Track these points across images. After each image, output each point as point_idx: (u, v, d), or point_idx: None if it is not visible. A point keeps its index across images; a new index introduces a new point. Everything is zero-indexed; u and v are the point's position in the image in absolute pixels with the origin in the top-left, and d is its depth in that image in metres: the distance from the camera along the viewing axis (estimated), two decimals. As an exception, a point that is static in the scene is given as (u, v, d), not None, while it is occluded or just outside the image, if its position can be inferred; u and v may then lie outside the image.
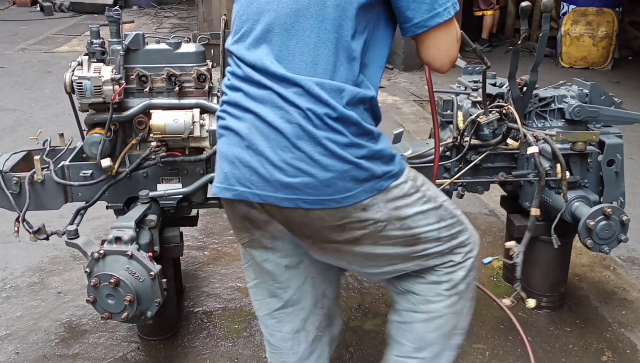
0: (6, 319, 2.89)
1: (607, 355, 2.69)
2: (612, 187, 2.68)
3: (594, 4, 7.97)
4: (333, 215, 1.51)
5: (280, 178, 1.46)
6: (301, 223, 1.54)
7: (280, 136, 1.45)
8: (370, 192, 1.52)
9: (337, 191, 1.47)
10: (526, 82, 2.58)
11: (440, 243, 1.70)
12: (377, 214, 1.56)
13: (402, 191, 1.61)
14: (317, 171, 1.45)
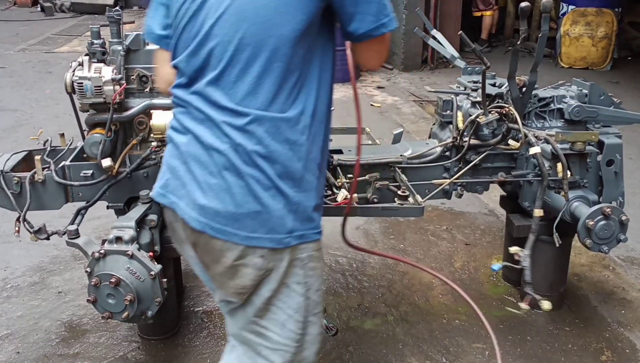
0: (7, 319, 2.89)
1: (607, 354, 2.69)
2: (612, 187, 2.69)
3: (594, 5, 7.97)
4: (233, 251, 1.50)
5: (198, 198, 1.48)
6: (204, 249, 1.55)
7: (211, 161, 1.48)
8: (276, 243, 1.51)
9: (243, 228, 1.48)
10: (525, 82, 2.59)
11: (280, 334, 1.62)
12: (271, 263, 1.53)
13: (302, 263, 1.58)
14: (231, 204, 1.46)
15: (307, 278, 1.61)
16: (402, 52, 7.92)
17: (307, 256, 1.58)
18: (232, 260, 1.51)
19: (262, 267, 1.52)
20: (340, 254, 3.51)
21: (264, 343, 1.63)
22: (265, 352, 1.64)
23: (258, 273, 1.53)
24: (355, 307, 3.02)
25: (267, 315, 1.60)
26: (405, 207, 2.33)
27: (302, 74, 1.50)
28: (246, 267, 1.52)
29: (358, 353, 2.69)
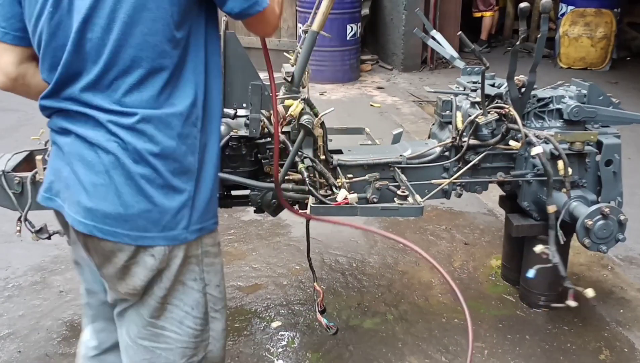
0: (8, 318, 2.90)
1: (605, 353, 2.71)
2: (610, 187, 2.70)
3: (593, 5, 7.98)
4: (124, 252, 1.46)
5: (83, 200, 1.42)
6: (94, 250, 1.50)
7: (97, 160, 1.41)
8: (170, 240, 1.47)
9: (134, 228, 1.43)
10: (525, 82, 2.60)
11: (180, 332, 1.60)
12: (163, 263, 1.50)
13: (197, 260, 1.56)
14: (120, 205, 1.41)
15: (203, 274, 1.58)
16: (401, 53, 7.93)
17: (202, 252, 1.55)
18: (124, 260, 1.47)
19: (153, 267, 1.49)
20: (340, 254, 3.52)
21: (161, 346, 1.60)
22: (165, 354, 1.60)
23: (149, 273, 1.49)
24: (355, 306, 3.03)
25: (164, 315, 1.57)
26: (404, 207, 2.34)
27: (188, 65, 1.45)
28: (137, 267, 1.48)
29: (358, 352, 2.70)
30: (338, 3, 6.51)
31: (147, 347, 1.60)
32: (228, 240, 3.66)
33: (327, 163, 2.52)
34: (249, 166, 2.50)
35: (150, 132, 1.41)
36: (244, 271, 3.34)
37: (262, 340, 2.77)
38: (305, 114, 2.29)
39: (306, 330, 2.85)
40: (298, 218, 3.68)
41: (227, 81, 2.28)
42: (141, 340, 1.60)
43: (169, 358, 1.61)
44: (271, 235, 3.72)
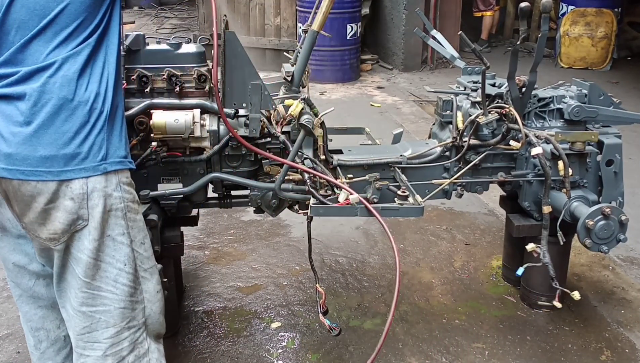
0: (7, 318, 2.89)
1: (606, 354, 2.70)
2: (611, 187, 2.69)
3: (593, 5, 7.98)
4: (44, 194, 1.53)
5: (2, 148, 1.50)
6: (14, 197, 1.55)
7: (16, 110, 1.50)
8: (91, 171, 1.56)
9: (55, 165, 1.52)
10: (525, 82, 2.59)
11: (116, 291, 1.65)
12: (83, 209, 1.56)
13: (122, 213, 1.64)
14: (42, 147, 1.50)
15: (129, 229, 1.65)
16: (402, 52, 7.92)
17: (123, 206, 1.63)
18: (44, 204, 1.53)
19: (72, 210, 1.55)
20: (340, 254, 3.51)
21: (99, 309, 1.64)
22: (104, 317, 1.64)
23: (69, 217, 1.55)
24: (355, 307, 3.02)
25: (98, 274, 1.62)
26: (405, 207, 2.33)
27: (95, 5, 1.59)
28: (57, 211, 1.54)
29: (358, 352, 2.69)
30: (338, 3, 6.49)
31: (85, 313, 1.64)
32: (228, 240, 3.65)
33: (327, 163, 2.51)
34: (249, 166, 2.49)
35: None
36: (243, 271, 3.33)
37: (262, 340, 2.77)
38: (305, 114, 2.29)
39: (306, 330, 2.84)
40: (298, 218, 3.67)
41: (226, 81, 2.27)
42: (79, 307, 1.64)
43: (109, 321, 1.66)
44: (271, 235, 3.72)
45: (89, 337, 1.65)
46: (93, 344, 1.66)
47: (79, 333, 1.65)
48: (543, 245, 2.48)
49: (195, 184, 2.44)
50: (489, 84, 2.74)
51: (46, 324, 1.84)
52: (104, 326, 1.65)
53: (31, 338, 1.88)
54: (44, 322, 1.84)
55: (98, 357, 1.66)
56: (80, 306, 1.63)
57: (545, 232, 2.50)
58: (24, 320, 1.88)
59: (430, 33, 3.21)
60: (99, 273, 1.62)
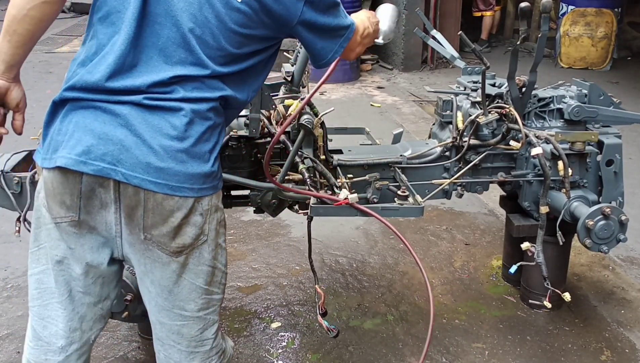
0: (7, 318, 2.89)
1: (606, 354, 2.70)
2: (611, 187, 2.69)
3: (593, 5, 7.98)
4: (182, 210, 1.58)
5: (153, 161, 1.51)
6: (150, 210, 1.56)
7: (167, 124, 1.53)
8: (214, 189, 1.64)
9: (195, 183, 1.58)
10: (525, 82, 2.59)
11: (220, 291, 1.78)
12: (206, 224, 1.64)
13: (223, 223, 1.76)
14: (190, 165, 1.56)
15: (225, 234, 1.79)
16: (402, 52, 7.92)
17: (224, 215, 1.76)
18: (180, 219, 1.58)
19: (200, 225, 1.63)
20: (340, 254, 3.51)
21: (209, 310, 1.74)
22: (211, 316, 1.75)
23: (197, 231, 1.62)
24: (355, 307, 3.02)
25: (213, 280, 1.73)
26: (405, 207, 2.33)
27: None
28: (188, 225, 1.60)
29: (358, 352, 2.69)
30: (338, 3, 6.47)
31: (201, 317, 1.73)
32: (228, 240, 3.62)
33: (327, 163, 2.51)
34: (249, 166, 2.49)
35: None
36: (243, 271, 3.33)
37: (262, 340, 2.77)
38: (305, 114, 2.28)
39: (306, 330, 2.84)
40: (298, 218, 3.67)
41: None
42: (197, 312, 1.72)
43: (214, 319, 1.77)
44: (271, 235, 3.72)
45: (201, 337, 1.75)
46: (203, 342, 1.75)
47: (193, 336, 1.73)
48: (538, 245, 2.49)
49: (195, 184, 2.43)
50: (489, 84, 2.74)
51: (84, 324, 1.80)
52: (211, 324, 1.76)
53: (61, 341, 1.78)
54: (82, 322, 1.79)
55: (206, 351, 1.77)
56: (198, 312, 1.71)
57: (540, 232, 2.51)
58: (60, 320, 1.77)
59: (430, 33, 3.21)
60: (214, 279, 1.73)
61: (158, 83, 1.53)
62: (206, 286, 1.71)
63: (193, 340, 1.74)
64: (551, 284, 2.88)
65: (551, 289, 2.43)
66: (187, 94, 1.55)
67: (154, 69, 1.55)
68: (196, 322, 1.73)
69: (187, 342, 1.74)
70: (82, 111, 1.56)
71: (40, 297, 1.76)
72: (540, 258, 2.45)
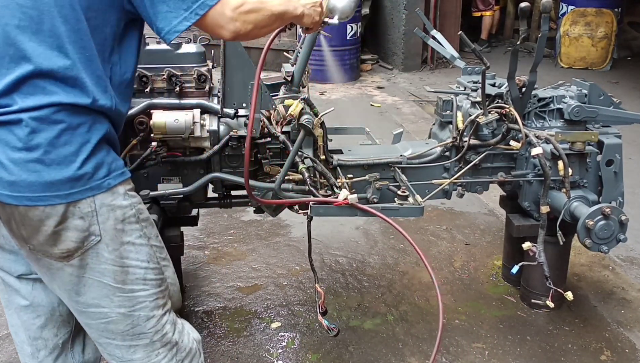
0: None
1: (606, 354, 2.70)
2: (611, 187, 2.69)
3: (593, 5, 7.98)
4: (53, 217, 1.50)
5: (4, 176, 1.45)
6: (21, 222, 1.52)
7: (12, 136, 1.44)
8: (94, 190, 1.53)
9: (61, 189, 1.48)
10: (525, 82, 2.59)
11: (147, 287, 1.69)
12: (94, 226, 1.55)
13: (135, 219, 1.64)
14: (46, 172, 1.46)
15: (144, 229, 1.67)
16: (402, 52, 7.93)
17: (134, 211, 1.63)
18: (53, 226, 1.51)
19: (83, 228, 1.54)
20: (340, 254, 3.51)
21: (137, 307, 1.67)
22: (143, 312, 1.68)
23: (80, 234, 1.54)
24: (355, 307, 3.02)
25: (127, 278, 1.65)
26: (405, 207, 2.33)
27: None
28: (67, 231, 1.53)
29: (358, 352, 2.69)
30: (338, 3, 6.47)
31: (125, 314, 1.67)
32: (228, 240, 3.65)
33: (327, 163, 2.51)
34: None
35: None
36: (243, 271, 3.33)
37: (262, 340, 2.77)
38: (305, 114, 2.28)
39: (306, 330, 2.84)
40: (298, 218, 3.67)
41: (226, 81, 2.27)
42: (117, 309, 1.66)
43: (148, 314, 1.70)
44: (271, 236, 3.72)
45: (134, 331, 1.71)
46: (139, 335, 1.71)
47: (123, 331, 1.70)
48: (539, 244, 2.49)
49: (195, 184, 2.44)
50: (489, 84, 2.74)
51: (44, 333, 1.85)
52: (145, 319, 1.70)
53: (28, 348, 1.88)
54: (42, 331, 1.85)
55: (147, 344, 1.73)
56: (118, 309, 1.66)
57: (542, 232, 2.51)
58: (20, 330, 1.87)
59: (430, 33, 3.21)
60: (128, 277, 1.65)
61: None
62: (118, 285, 1.64)
63: (126, 334, 1.70)
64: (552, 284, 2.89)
65: (554, 288, 2.43)
66: (23, 104, 1.43)
67: None
68: (121, 318, 1.68)
69: (121, 336, 1.70)
70: None
71: (6, 307, 1.84)
72: (541, 257, 2.45)
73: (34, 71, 1.43)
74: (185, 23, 1.51)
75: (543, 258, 2.46)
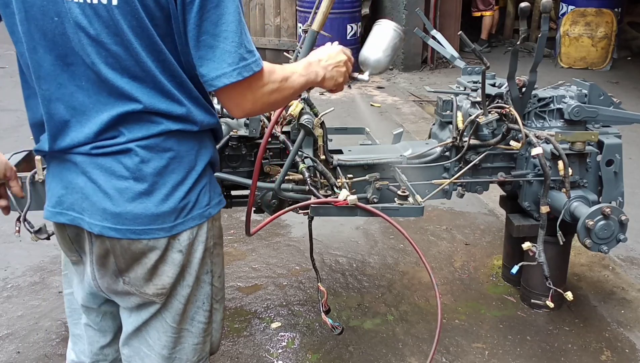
0: (7, 318, 2.89)
1: (606, 354, 2.70)
2: (611, 187, 2.69)
3: (593, 5, 7.98)
4: (155, 251, 1.45)
5: (109, 207, 1.40)
6: (122, 255, 1.46)
7: (119, 165, 1.40)
8: (195, 220, 1.47)
9: (166, 221, 1.43)
10: (525, 82, 2.59)
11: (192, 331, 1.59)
12: (187, 258, 1.49)
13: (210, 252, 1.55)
14: (152, 204, 1.41)
15: (213, 266, 1.58)
16: (402, 52, 7.92)
17: (212, 244, 1.55)
18: (155, 260, 1.46)
19: (181, 263, 1.49)
20: (340, 254, 3.51)
21: (177, 348, 1.58)
22: (180, 355, 1.59)
23: (177, 269, 1.49)
24: (355, 307, 3.02)
25: (184, 316, 1.56)
26: (405, 207, 2.33)
27: None
28: (165, 264, 1.47)
29: (358, 352, 2.69)
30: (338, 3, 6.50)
31: (165, 355, 1.58)
32: (228, 240, 3.65)
33: (327, 163, 2.51)
34: (249, 166, 2.49)
35: None
36: (243, 271, 3.33)
37: (262, 340, 2.77)
38: (305, 114, 2.28)
39: (306, 330, 2.84)
40: (298, 218, 3.68)
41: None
42: (161, 350, 1.57)
43: (182, 358, 1.60)
44: (271, 235, 3.72)
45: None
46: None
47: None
48: (539, 244, 2.49)
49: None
50: (489, 84, 2.74)
51: (106, 350, 1.77)
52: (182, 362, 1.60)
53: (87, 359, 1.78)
54: (105, 348, 1.77)
55: None
56: (162, 350, 1.57)
57: (542, 231, 2.51)
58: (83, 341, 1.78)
59: (430, 33, 3.21)
60: (185, 315, 1.56)
61: (101, 130, 1.39)
62: (174, 325, 1.56)
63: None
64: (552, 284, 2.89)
65: (554, 288, 2.43)
66: (131, 136, 1.39)
67: (89, 116, 1.40)
68: (159, 359, 1.58)
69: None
70: (54, 162, 1.51)
71: (71, 315, 1.81)
72: (541, 257, 2.46)
73: (140, 109, 1.37)
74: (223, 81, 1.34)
75: (543, 258, 2.46)
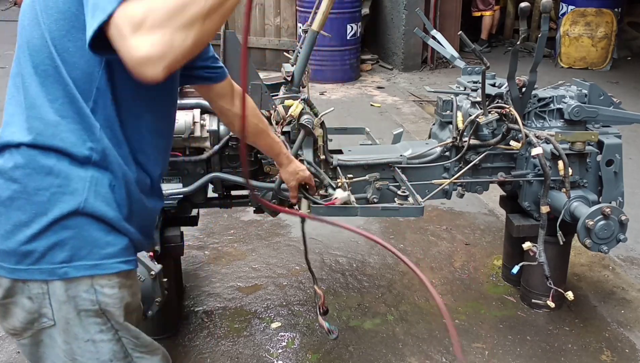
0: (7, 319, 2.89)
1: (606, 354, 2.70)
2: (611, 187, 2.69)
3: (593, 5, 7.98)
4: (0, 286, 1.31)
5: None
6: None
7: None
8: (43, 274, 1.26)
9: (7, 260, 1.27)
10: (525, 82, 2.59)
11: None
12: (45, 308, 1.30)
13: (88, 298, 1.30)
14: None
15: (116, 319, 1.34)
16: (402, 52, 7.92)
17: (98, 309, 1.31)
18: (1, 297, 1.31)
19: (32, 310, 1.30)
20: (340, 254, 3.51)
21: None
22: None
23: (28, 316, 1.31)
24: (355, 307, 3.02)
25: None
26: (405, 207, 2.34)
27: None
28: (16, 307, 1.31)
29: (358, 352, 2.69)
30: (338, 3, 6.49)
31: None
32: (228, 241, 3.65)
33: (327, 163, 2.51)
34: (249, 166, 2.49)
35: None
36: (243, 271, 3.33)
37: (261, 340, 2.77)
38: (305, 114, 2.29)
39: (306, 330, 2.84)
40: (298, 219, 3.67)
41: (226, 81, 2.27)
42: None
43: None
44: (271, 236, 3.72)
45: None
46: None
47: None
48: (539, 244, 2.49)
49: (195, 184, 2.44)
50: (489, 84, 2.74)
51: None
52: None
53: None
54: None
55: None
56: None
57: (542, 232, 2.51)
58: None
59: (430, 33, 3.21)
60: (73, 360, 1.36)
61: None
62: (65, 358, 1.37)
63: None
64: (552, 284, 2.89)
65: (554, 288, 2.43)
66: None
67: None
68: None
69: None
70: None
71: None
72: (542, 257, 2.46)
73: None
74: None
75: (543, 258, 2.46)
